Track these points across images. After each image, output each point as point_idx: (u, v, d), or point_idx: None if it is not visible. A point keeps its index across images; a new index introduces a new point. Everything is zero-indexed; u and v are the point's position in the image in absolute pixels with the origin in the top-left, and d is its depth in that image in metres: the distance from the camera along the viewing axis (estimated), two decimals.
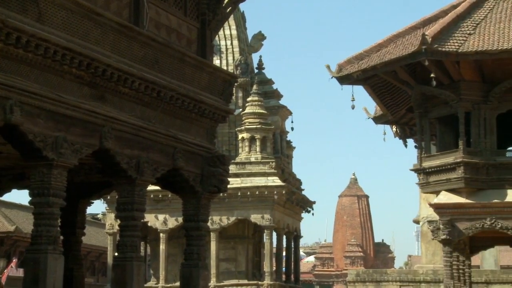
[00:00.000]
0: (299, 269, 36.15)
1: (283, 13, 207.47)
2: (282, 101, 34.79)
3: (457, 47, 18.62)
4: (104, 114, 11.24)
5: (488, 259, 35.36)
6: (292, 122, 34.62)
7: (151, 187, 13.54)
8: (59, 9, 10.40)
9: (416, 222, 40.36)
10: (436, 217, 20.36)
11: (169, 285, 31.20)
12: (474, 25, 19.44)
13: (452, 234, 19.51)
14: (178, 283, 14.68)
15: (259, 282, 31.42)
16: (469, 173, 19.37)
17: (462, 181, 19.34)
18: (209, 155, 13.65)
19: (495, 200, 19.39)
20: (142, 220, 12.33)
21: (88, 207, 15.33)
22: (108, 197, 29.65)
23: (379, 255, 72.74)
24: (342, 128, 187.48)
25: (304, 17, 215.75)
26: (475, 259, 31.14)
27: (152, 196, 29.55)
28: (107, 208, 32.54)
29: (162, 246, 31.63)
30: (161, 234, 31.63)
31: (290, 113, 34.62)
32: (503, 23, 19.43)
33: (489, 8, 20.14)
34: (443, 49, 18.52)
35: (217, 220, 30.79)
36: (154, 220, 31.45)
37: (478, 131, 19.68)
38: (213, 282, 30.32)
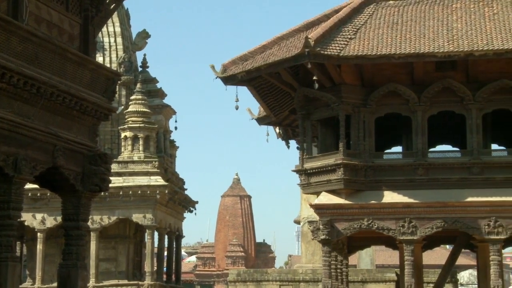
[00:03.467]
0: (180, 269, 36.10)
1: (168, 11, 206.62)
2: (166, 100, 34.67)
3: (338, 51, 19.00)
4: None
5: (365, 259, 36.28)
6: (176, 121, 34.49)
7: (29, 185, 13.20)
8: None
9: (297, 222, 41.08)
10: (316, 217, 20.72)
11: (45, 286, 30.48)
12: (355, 30, 19.90)
13: (331, 234, 19.89)
14: (55, 284, 14.37)
15: (140, 282, 31.19)
16: (348, 174, 19.80)
17: (341, 183, 19.74)
18: (90, 154, 13.45)
19: (372, 201, 19.90)
20: (18, 219, 12.01)
21: None
22: None
23: (260, 255, 73.54)
24: (226, 128, 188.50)
25: (189, 16, 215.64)
26: (352, 259, 31.90)
27: (30, 194, 28.85)
28: None
29: (39, 246, 30.87)
30: (38, 234, 30.89)
31: (174, 113, 34.51)
32: (382, 29, 19.99)
33: (369, 14, 20.68)
34: (325, 52, 18.85)
35: (98, 219, 30.36)
36: (32, 219, 30.71)
37: (357, 133, 20.15)
38: (92, 282, 29.87)
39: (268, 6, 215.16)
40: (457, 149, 22.21)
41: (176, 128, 34.17)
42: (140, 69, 35.07)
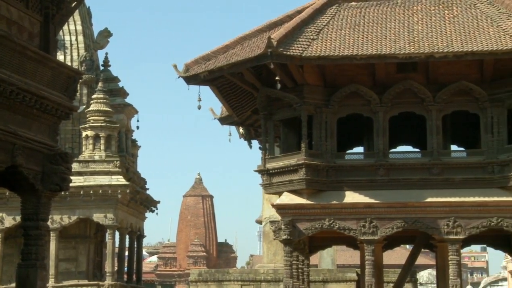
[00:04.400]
0: (141, 269, 35.92)
1: (130, 10, 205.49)
2: (128, 99, 34.51)
3: (301, 51, 19.05)
4: None
5: (326, 259, 36.43)
6: (137, 120, 34.40)
7: None
8: None
9: (259, 222, 41.13)
10: (278, 217, 20.75)
11: (4, 286, 30.15)
12: (317, 30, 19.98)
13: (293, 234, 19.94)
14: (13, 284, 14.21)
15: (100, 283, 30.99)
16: (310, 174, 19.86)
17: (303, 183, 19.79)
18: (51, 153, 13.32)
19: (334, 202, 19.99)
20: None
21: None
22: None
23: (222, 255, 73.48)
24: (188, 128, 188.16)
25: (152, 15, 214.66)
26: (314, 259, 32.03)
27: None
28: None
29: None
30: None
31: (136, 112, 34.36)
32: (344, 30, 20.09)
33: (332, 15, 20.76)
34: (288, 53, 18.90)
35: (58, 219, 30.13)
36: None
37: (319, 134, 20.22)
38: (51, 282, 29.62)
39: (231, 6, 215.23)
40: (417, 150, 22.42)
41: (138, 127, 34.10)
42: (101, 68, 34.84)
